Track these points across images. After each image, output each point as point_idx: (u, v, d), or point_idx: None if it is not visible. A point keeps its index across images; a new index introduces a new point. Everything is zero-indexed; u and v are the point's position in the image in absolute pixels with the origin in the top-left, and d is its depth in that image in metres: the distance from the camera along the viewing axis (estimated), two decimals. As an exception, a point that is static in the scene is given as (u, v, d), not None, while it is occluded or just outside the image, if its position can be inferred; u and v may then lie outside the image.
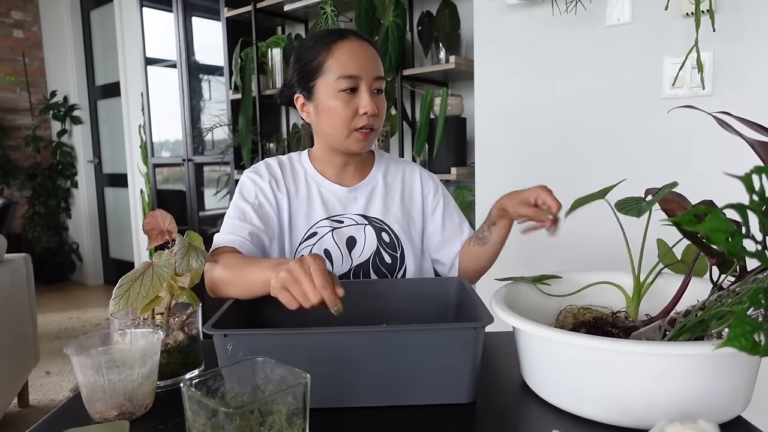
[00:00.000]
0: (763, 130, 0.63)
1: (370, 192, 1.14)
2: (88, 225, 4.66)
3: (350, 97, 1.03)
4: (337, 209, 1.11)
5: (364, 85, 1.03)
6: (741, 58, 1.44)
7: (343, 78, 1.02)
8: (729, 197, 0.64)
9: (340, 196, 1.12)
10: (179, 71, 3.34)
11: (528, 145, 1.84)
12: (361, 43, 1.05)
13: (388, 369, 0.70)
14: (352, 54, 1.03)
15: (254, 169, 1.13)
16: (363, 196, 1.13)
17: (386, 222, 1.12)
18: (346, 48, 1.04)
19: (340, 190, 1.12)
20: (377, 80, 1.05)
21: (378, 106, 1.04)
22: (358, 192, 1.13)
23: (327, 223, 1.09)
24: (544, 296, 0.85)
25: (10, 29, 4.48)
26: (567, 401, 0.67)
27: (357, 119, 1.04)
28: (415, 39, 2.43)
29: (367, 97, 1.02)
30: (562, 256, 1.69)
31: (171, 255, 0.78)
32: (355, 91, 1.03)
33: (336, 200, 1.11)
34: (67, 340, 1.03)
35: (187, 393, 0.54)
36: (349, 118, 1.03)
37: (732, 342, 0.45)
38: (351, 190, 1.12)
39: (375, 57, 1.06)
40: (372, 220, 1.12)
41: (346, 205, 1.12)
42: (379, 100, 1.05)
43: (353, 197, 1.12)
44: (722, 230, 0.44)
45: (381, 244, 1.11)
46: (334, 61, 1.03)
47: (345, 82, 1.02)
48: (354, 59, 1.03)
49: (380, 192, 1.14)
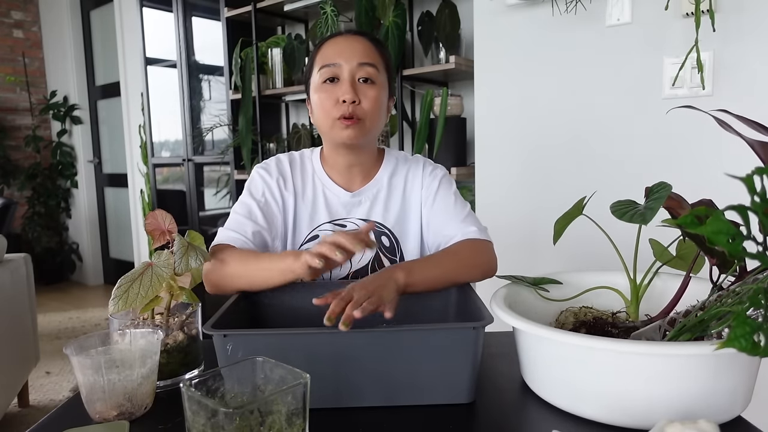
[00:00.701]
0: (763, 129, 0.63)
1: (374, 195, 1.11)
2: (88, 225, 4.66)
3: (332, 86, 1.01)
4: (340, 213, 1.10)
5: (345, 73, 1.01)
6: (741, 58, 1.44)
7: (324, 68, 1.02)
8: (729, 196, 0.64)
9: (344, 200, 1.10)
10: (179, 71, 3.34)
11: (528, 144, 1.84)
12: (348, 36, 1.04)
13: (388, 369, 0.70)
14: (335, 45, 1.03)
15: (265, 165, 1.11)
16: (367, 200, 1.11)
17: (386, 225, 1.10)
18: (332, 42, 1.04)
19: (344, 195, 1.10)
20: (362, 67, 1.01)
21: (363, 94, 1.01)
22: (363, 196, 1.11)
23: (329, 227, 1.09)
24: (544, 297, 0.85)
25: (10, 29, 4.48)
26: (567, 401, 0.67)
27: (337, 107, 1.01)
28: (415, 39, 2.43)
29: (346, 85, 1.00)
30: (563, 255, 1.69)
31: (170, 255, 0.78)
32: (337, 80, 1.01)
33: (340, 204, 1.10)
34: (67, 340, 1.03)
35: (186, 393, 0.54)
36: (330, 107, 1.01)
37: (732, 343, 0.45)
38: (355, 194, 1.10)
39: (362, 45, 1.03)
40: (374, 224, 1.10)
41: (349, 209, 1.10)
42: (365, 88, 1.01)
43: (357, 202, 1.10)
44: (723, 232, 0.44)
45: (380, 248, 1.09)
46: (320, 55, 1.04)
47: (325, 72, 1.01)
48: (335, 49, 1.02)
49: (384, 195, 1.11)
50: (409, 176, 1.13)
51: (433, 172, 1.13)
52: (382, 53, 1.06)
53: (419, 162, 1.15)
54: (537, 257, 1.75)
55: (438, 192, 1.11)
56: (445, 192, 1.11)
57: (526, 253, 1.80)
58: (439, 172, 1.14)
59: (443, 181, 1.13)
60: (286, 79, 2.73)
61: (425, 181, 1.12)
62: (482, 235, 1.05)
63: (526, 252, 1.81)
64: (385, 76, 1.06)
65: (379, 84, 1.03)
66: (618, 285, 0.81)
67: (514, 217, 1.88)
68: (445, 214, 1.08)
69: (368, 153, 1.11)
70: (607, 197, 0.94)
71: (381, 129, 1.09)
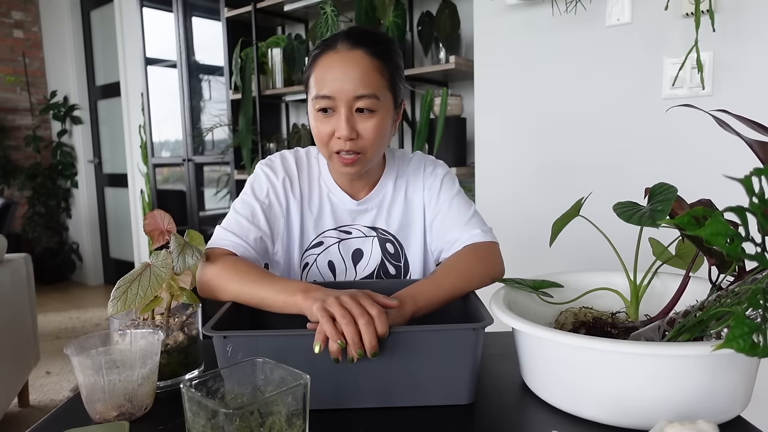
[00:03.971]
0: (763, 129, 0.63)
1: (379, 202, 1.08)
2: (88, 225, 4.66)
3: (328, 117, 0.94)
4: (345, 220, 1.07)
5: (341, 105, 0.92)
6: (741, 58, 1.44)
7: (318, 98, 0.94)
8: (728, 196, 0.64)
9: (349, 207, 1.06)
10: (179, 71, 3.34)
11: (528, 144, 1.84)
12: (344, 54, 0.93)
13: (387, 370, 0.70)
14: (331, 69, 0.93)
15: (269, 163, 1.06)
16: (373, 207, 1.07)
17: (390, 231, 1.08)
18: (327, 62, 0.94)
19: (350, 203, 1.06)
20: (359, 99, 0.92)
21: (362, 125, 0.93)
22: (369, 204, 1.07)
23: (335, 233, 1.06)
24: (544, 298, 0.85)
25: (10, 29, 4.48)
26: (566, 402, 0.67)
27: (333, 142, 0.95)
28: (415, 39, 2.43)
29: (341, 120, 0.92)
30: (563, 255, 1.69)
31: (168, 255, 0.78)
32: (333, 111, 0.94)
33: (345, 211, 1.07)
34: (67, 340, 1.03)
35: (186, 394, 0.54)
36: (326, 140, 0.95)
37: (731, 343, 0.45)
38: (361, 203, 1.06)
39: (360, 69, 0.92)
40: (379, 231, 1.07)
41: (354, 217, 1.07)
42: (364, 119, 0.93)
43: (363, 210, 1.07)
44: (722, 233, 0.44)
45: (386, 255, 1.07)
46: (314, 77, 0.95)
47: (320, 102, 0.94)
48: (331, 75, 0.93)
49: (388, 201, 1.08)
50: (410, 178, 1.09)
51: (434, 172, 1.09)
52: (384, 69, 0.95)
53: (420, 161, 1.11)
54: (537, 257, 1.75)
55: (440, 193, 1.07)
56: (448, 192, 1.07)
57: (526, 253, 1.80)
58: (441, 171, 1.10)
59: (445, 181, 1.08)
60: (286, 79, 2.73)
61: (427, 182, 1.08)
62: (487, 237, 1.01)
63: (526, 252, 1.81)
64: (390, 97, 0.97)
65: (381, 110, 0.95)
66: (617, 285, 0.81)
67: (514, 217, 1.89)
68: (447, 216, 1.04)
69: (373, 166, 1.05)
70: (606, 197, 0.95)
71: (385, 148, 1.04)
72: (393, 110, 0.99)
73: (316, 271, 1.06)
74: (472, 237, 1.00)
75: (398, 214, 1.08)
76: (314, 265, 1.06)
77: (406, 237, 1.09)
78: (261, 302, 0.84)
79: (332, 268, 1.06)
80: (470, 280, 0.91)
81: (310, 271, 1.06)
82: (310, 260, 1.06)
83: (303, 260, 1.06)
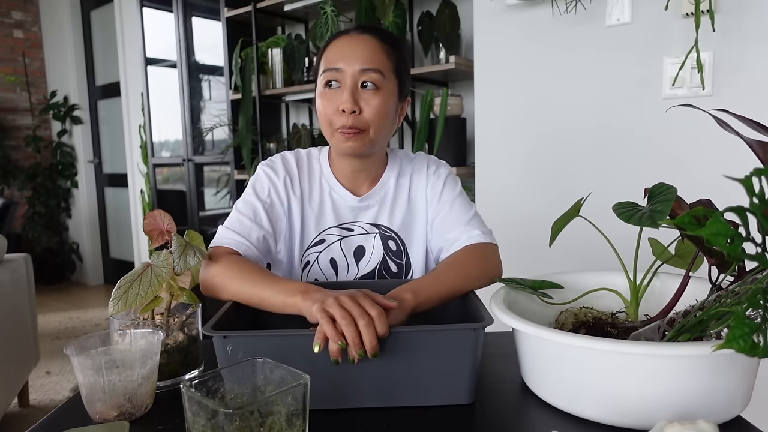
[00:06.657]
0: (763, 129, 0.63)
1: (381, 199, 1.08)
2: (88, 225, 4.66)
3: (333, 92, 0.96)
4: (347, 217, 1.07)
5: (346, 78, 0.94)
6: (741, 58, 1.44)
7: (326, 71, 0.96)
8: (728, 196, 0.64)
9: (351, 204, 1.07)
10: (179, 71, 3.34)
11: (528, 144, 1.84)
12: (354, 36, 0.97)
13: (387, 370, 0.70)
14: (339, 47, 0.97)
15: (270, 164, 1.07)
16: (375, 204, 1.08)
17: (392, 228, 1.08)
18: (337, 43, 0.98)
19: (351, 199, 1.06)
20: (365, 72, 0.94)
21: (365, 102, 0.95)
22: (370, 200, 1.07)
23: (336, 231, 1.06)
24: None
25: (10, 29, 4.48)
26: (566, 402, 0.67)
27: (337, 116, 0.95)
28: (415, 39, 2.43)
29: (346, 92, 0.94)
30: (563, 255, 1.69)
31: (169, 255, 0.78)
32: (338, 85, 0.96)
33: (347, 208, 1.07)
34: (67, 340, 1.03)
35: (186, 394, 0.54)
36: (331, 115, 0.96)
37: (731, 343, 0.45)
38: (363, 199, 1.07)
39: (367, 47, 0.95)
40: (381, 227, 1.08)
41: (356, 214, 1.07)
42: (368, 95, 0.95)
43: (365, 206, 1.07)
44: (722, 234, 0.44)
45: (387, 252, 1.07)
46: (324, 56, 0.98)
47: (326, 76, 0.96)
48: (339, 52, 0.96)
49: (390, 198, 1.08)
50: (414, 177, 1.10)
51: (437, 171, 1.10)
52: (391, 54, 0.98)
53: (423, 161, 1.12)
54: (537, 257, 1.75)
55: (443, 192, 1.08)
56: (450, 192, 1.08)
57: (526, 253, 1.80)
58: (444, 171, 1.11)
59: (448, 181, 1.09)
60: (286, 79, 2.73)
61: (430, 181, 1.09)
62: (487, 239, 1.01)
63: (525, 252, 1.81)
64: (395, 81, 0.99)
65: (386, 90, 0.97)
66: (617, 285, 0.81)
67: (514, 216, 1.89)
68: (448, 216, 1.05)
69: (375, 159, 1.07)
70: (606, 197, 0.95)
71: (389, 136, 1.04)
72: (397, 96, 1.00)
73: (317, 269, 1.06)
74: (472, 237, 1.01)
75: (401, 211, 1.09)
76: (316, 263, 1.06)
77: (409, 235, 1.09)
78: (261, 302, 0.84)
79: (334, 265, 1.06)
80: (469, 279, 0.91)
81: (312, 269, 1.06)
82: (311, 258, 1.06)
83: (304, 258, 1.06)
